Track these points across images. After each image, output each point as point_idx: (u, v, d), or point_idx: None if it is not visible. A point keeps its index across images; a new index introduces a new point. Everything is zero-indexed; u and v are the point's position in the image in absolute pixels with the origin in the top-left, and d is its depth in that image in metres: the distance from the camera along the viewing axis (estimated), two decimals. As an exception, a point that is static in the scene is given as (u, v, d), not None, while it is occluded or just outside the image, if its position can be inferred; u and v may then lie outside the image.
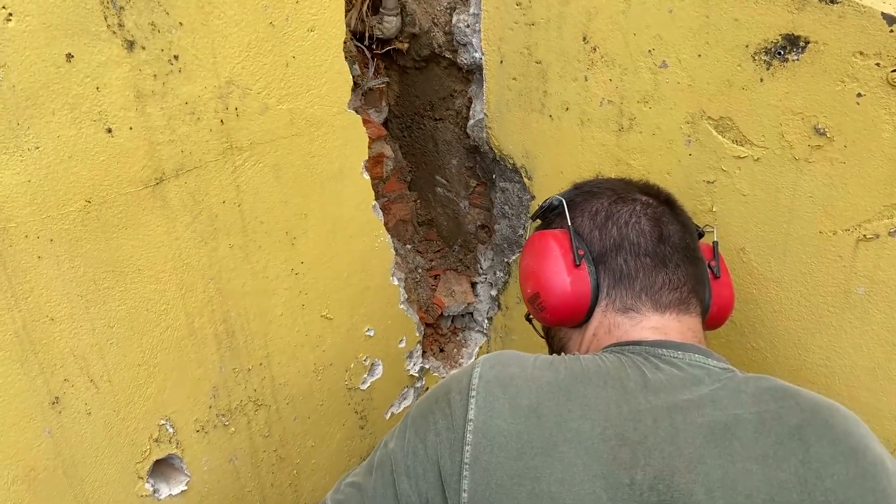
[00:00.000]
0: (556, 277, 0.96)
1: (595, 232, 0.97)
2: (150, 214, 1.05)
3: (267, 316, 1.25)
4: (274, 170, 1.19)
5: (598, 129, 1.33)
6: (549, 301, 0.97)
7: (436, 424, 0.84)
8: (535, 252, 1.01)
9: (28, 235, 0.93)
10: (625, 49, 1.24)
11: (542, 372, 0.84)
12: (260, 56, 1.11)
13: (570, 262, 0.96)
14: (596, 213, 0.99)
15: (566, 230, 0.99)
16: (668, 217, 0.98)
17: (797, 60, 1.07)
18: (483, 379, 0.83)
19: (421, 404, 0.89)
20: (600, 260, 0.96)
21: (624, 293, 0.94)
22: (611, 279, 0.95)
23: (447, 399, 0.84)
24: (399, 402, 1.60)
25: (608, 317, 0.94)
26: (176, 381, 1.14)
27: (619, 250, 0.95)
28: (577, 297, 0.95)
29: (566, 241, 0.98)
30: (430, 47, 1.54)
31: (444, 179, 1.73)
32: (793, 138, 1.11)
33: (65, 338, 1.00)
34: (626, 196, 1.00)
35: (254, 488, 1.33)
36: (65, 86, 0.92)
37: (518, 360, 0.86)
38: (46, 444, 1.02)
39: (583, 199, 1.02)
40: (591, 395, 0.81)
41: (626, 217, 0.97)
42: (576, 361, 0.86)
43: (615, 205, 0.98)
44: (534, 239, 1.03)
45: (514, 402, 0.81)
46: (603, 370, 0.84)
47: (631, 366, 0.85)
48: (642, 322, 0.92)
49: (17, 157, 0.90)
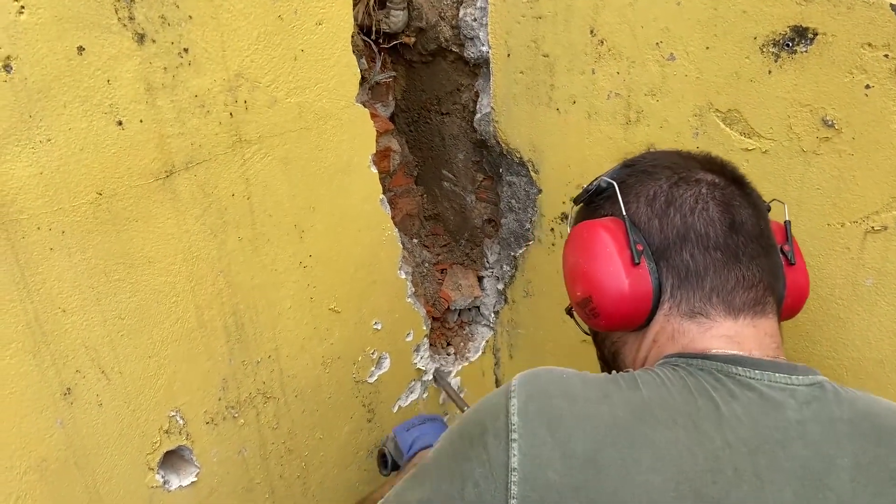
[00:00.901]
0: (613, 279, 0.82)
1: (654, 221, 0.83)
2: (161, 207, 1.05)
3: (276, 309, 1.26)
4: (282, 163, 1.19)
5: (605, 123, 1.33)
6: (603, 307, 0.84)
7: (473, 473, 0.70)
8: (585, 247, 0.87)
9: (40, 227, 0.94)
10: (632, 42, 1.24)
11: (596, 407, 0.70)
12: (269, 49, 1.11)
13: (628, 259, 0.82)
14: (654, 198, 0.84)
15: (620, 220, 0.85)
16: (738, 199, 0.84)
17: (805, 52, 1.07)
18: (523, 415, 0.70)
19: (453, 444, 0.76)
20: (662, 255, 0.82)
21: (691, 294, 0.80)
22: (675, 278, 0.81)
23: (483, 442, 0.71)
24: (406, 396, 1.60)
25: (672, 322, 0.81)
26: (186, 373, 1.15)
27: (684, 243, 0.81)
28: (636, 301, 0.82)
29: (621, 234, 0.84)
30: (437, 41, 1.54)
31: (451, 174, 1.73)
32: (801, 130, 1.11)
33: (76, 329, 1.01)
34: (689, 176, 0.85)
35: (262, 480, 1.33)
36: (76, 78, 0.92)
37: (562, 387, 0.72)
38: (58, 434, 1.03)
39: (637, 181, 0.87)
40: (658, 440, 0.68)
41: (692, 202, 0.82)
42: (634, 389, 0.72)
43: (677, 187, 0.84)
44: (582, 231, 0.89)
45: (566, 448, 0.68)
46: (669, 403, 0.71)
47: (700, 393, 0.72)
48: (712, 329, 0.79)
49: (30, 149, 0.90)
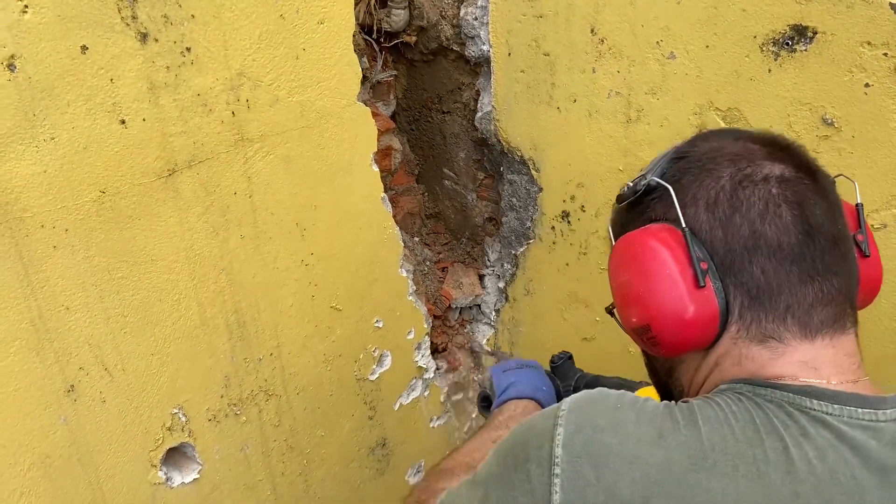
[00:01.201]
0: (675, 306, 0.72)
1: (717, 230, 0.71)
2: (163, 205, 1.06)
3: (277, 306, 1.27)
4: (284, 161, 1.20)
5: (605, 121, 1.34)
6: (663, 336, 0.74)
7: (516, 501, 0.67)
8: (639, 267, 0.75)
9: (44, 225, 0.94)
10: (633, 41, 1.24)
11: (650, 449, 0.63)
12: (271, 48, 1.12)
13: (691, 280, 0.71)
14: (716, 203, 0.72)
15: (678, 230, 0.73)
16: (812, 195, 0.71)
17: (805, 51, 1.08)
18: (568, 449, 0.65)
19: (499, 463, 0.72)
20: (727, 270, 0.71)
21: (762, 315, 0.70)
22: (743, 296, 0.71)
23: (526, 471, 0.66)
24: (407, 394, 1.61)
25: (739, 346, 0.72)
26: (188, 371, 1.16)
27: (752, 254, 0.70)
28: (701, 327, 0.72)
29: (681, 250, 0.72)
30: (438, 40, 1.55)
31: (452, 172, 1.74)
32: (801, 129, 1.11)
33: (80, 326, 1.01)
34: (754, 172, 0.72)
35: (264, 477, 1.34)
36: (80, 77, 0.93)
37: (613, 420, 0.66)
38: (62, 431, 1.03)
39: (693, 180, 0.75)
40: (716, 491, 0.61)
41: (761, 206, 0.70)
42: (693, 428, 0.65)
43: (741, 188, 0.71)
44: (633, 245, 0.76)
45: (612, 492, 0.62)
46: (731, 446, 0.63)
47: (769, 432, 0.64)
48: (786, 354, 0.70)
49: (34, 147, 0.91)
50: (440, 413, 1.71)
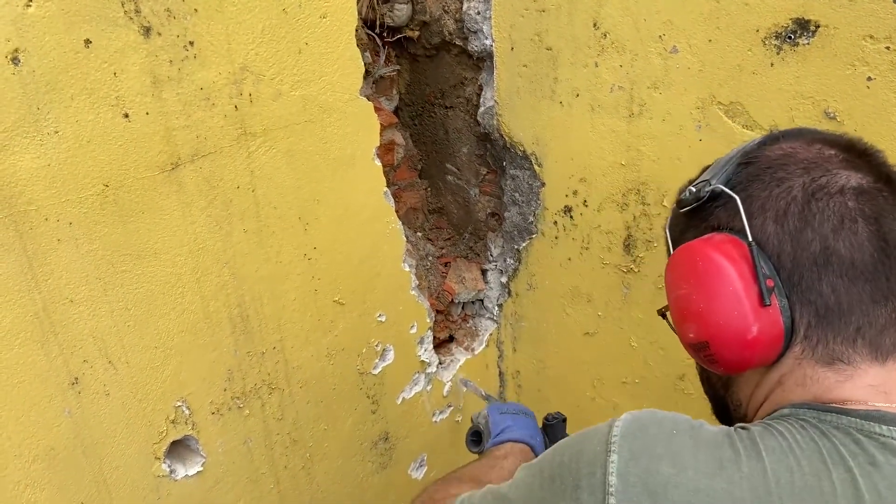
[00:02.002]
0: (737, 324, 0.68)
1: (786, 245, 0.67)
2: (167, 199, 1.06)
3: (280, 300, 1.27)
4: (287, 156, 1.20)
5: (608, 116, 1.34)
6: (723, 354, 0.70)
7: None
8: (700, 280, 0.70)
9: (48, 219, 0.95)
10: (635, 35, 1.24)
11: (710, 481, 0.60)
12: (273, 42, 1.12)
13: (756, 298, 0.67)
14: (786, 215, 0.67)
15: (744, 243, 0.68)
16: (890, 208, 0.67)
17: (807, 45, 1.07)
18: (623, 478, 0.61)
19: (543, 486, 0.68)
20: (794, 286, 0.67)
21: (830, 336, 0.66)
22: (811, 315, 0.67)
23: (576, 497, 0.63)
24: (410, 388, 1.61)
25: (804, 366, 0.68)
26: (192, 364, 1.16)
27: (823, 271, 0.66)
28: (763, 347, 0.68)
29: (745, 265, 0.68)
30: (441, 35, 1.55)
31: (455, 167, 1.74)
32: (803, 122, 1.11)
33: (84, 319, 1.02)
34: (829, 182, 0.67)
35: (267, 471, 1.35)
36: (83, 71, 0.93)
37: (671, 448, 0.62)
38: (66, 423, 1.04)
39: (762, 189, 0.70)
40: None
41: (835, 221, 0.66)
42: (756, 460, 0.61)
43: (814, 200, 0.67)
44: (695, 257, 0.71)
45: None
46: (798, 481, 0.59)
47: (837, 464, 0.60)
48: (854, 378, 0.66)
49: (38, 141, 0.91)
50: (442, 407, 1.72)
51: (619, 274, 1.47)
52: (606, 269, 1.49)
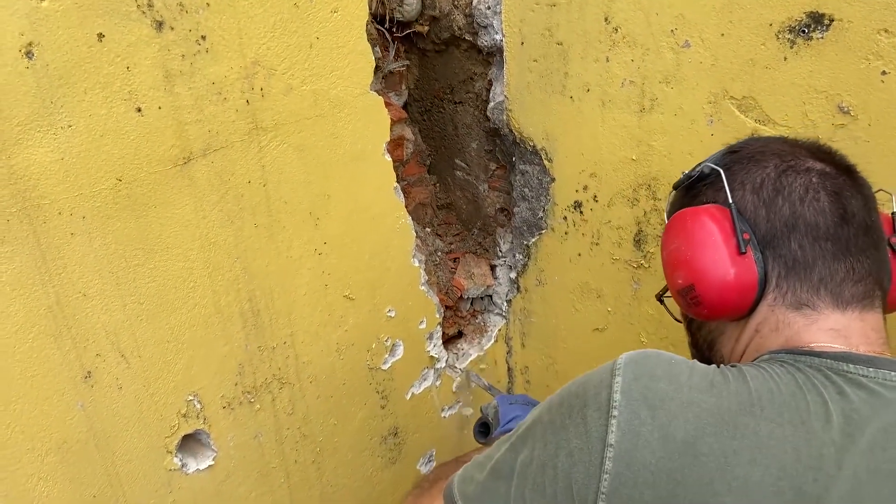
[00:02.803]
0: (717, 267, 0.81)
1: (761, 210, 0.81)
2: (179, 193, 1.06)
3: (291, 295, 1.27)
4: (298, 150, 1.20)
5: (619, 111, 1.33)
6: (706, 295, 0.82)
7: (569, 443, 0.72)
8: (688, 235, 0.85)
9: (61, 212, 0.95)
10: (647, 29, 1.24)
11: (702, 396, 0.70)
12: (285, 37, 1.12)
13: (734, 248, 0.81)
14: (761, 186, 0.82)
15: (725, 207, 0.83)
16: (849, 189, 0.81)
17: (821, 38, 1.07)
18: (626, 395, 0.70)
19: (552, 413, 0.77)
20: (768, 244, 0.80)
21: (798, 285, 0.79)
22: (781, 267, 0.79)
23: (582, 415, 0.72)
24: (419, 383, 1.61)
25: (777, 312, 0.80)
26: (203, 358, 1.17)
27: (792, 232, 0.79)
28: (741, 289, 0.80)
29: (727, 222, 0.82)
30: (451, 30, 1.55)
31: (464, 163, 1.74)
32: (816, 117, 1.10)
33: (97, 313, 1.02)
34: (798, 164, 0.82)
35: (278, 465, 1.35)
36: (96, 65, 0.93)
37: (669, 371, 0.72)
38: (79, 417, 1.04)
39: (742, 168, 0.85)
40: (763, 433, 0.67)
41: (801, 191, 0.80)
42: (742, 383, 0.71)
43: (785, 175, 0.81)
44: (685, 217, 0.86)
45: (666, 431, 0.68)
46: (777, 398, 0.70)
47: (810, 389, 0.70)
48: (819, 321, 0.77)
49: (51, 135, 0.91)
50: (451, 403, 1.72)
51: (629, 269, 1.46)
52: (616, 264, 1.48)
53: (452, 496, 0.84)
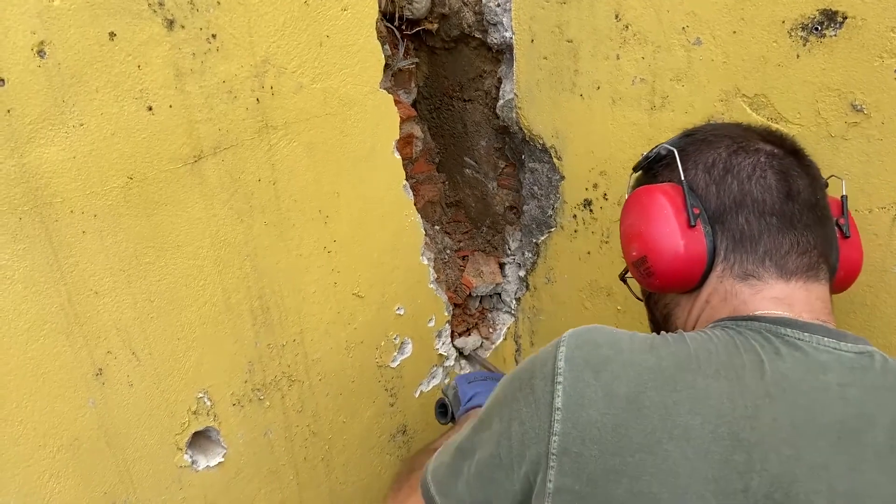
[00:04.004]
0: (668, 239, 0.85)
1: (712, 187, 0.86)
2: (189, 192, 1.07)
3: (300, 293, 1.27)
4: (307, 148, 1.20)
5: (629, 108, 1.33)
6: (658, 265, 0.87)
7: (520, 413, 0.76)
8: (642, 210, 0.90)
9: (73, 210, 0.95)
10: (658, 26, 1.23)
11: (642, 356, 0.74)
12: (295, 35, 1.12)
13: (684, 221, 0.85)
14: (713, 165, 0.87)
15: (678, 185, 0.88)
16: (796, 170, 0.86)
17: (834, 36, 1.06)
18: (570, 362, 0.74)
19: (504, 389, 0.82)
20: (717, 219, 0.85)
21: (744, 257, 0.83)
22: (730, 241, 0.84)
23: (530, 385, 0.76)
24: (428, 381, 1.61)
25: (725, 283, 0.84)
26: (213, 356, 1.17)
27: (740, 208, 0.84)
28: (690, 260, 0.84)
29: (678, 198, 0.87)
30: (460, 27, 1.54)
31: (473, 161, 1.73)
32: (829, 115, 1.10)
33: (108, 311, 1.03)
34: (748, 145, 0.87)
35: (287, 462, 1.35)
36: (108, 64, 0.94)
37: (610, 339, 0.76)
38: (90, 414, 1.05)
39: (696, 150, 0.90)
40: (700, 386, 0.71)
41: (749, 170, 0.85)
42: (681, 343, 0.75)
43: (735, 155, 0.86)
44: (640, 194, 0.92)
45: (609, 389, 0.72)
46: (714, 355, 0.74)
47: (747, 349, 0.75)
48: (764, 290, 0.82)
49: (63, 133, 0.92)
50: (460, 401, 1.72)
51: (638, 268, 1.46)
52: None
53: (426, 482, 0.89)
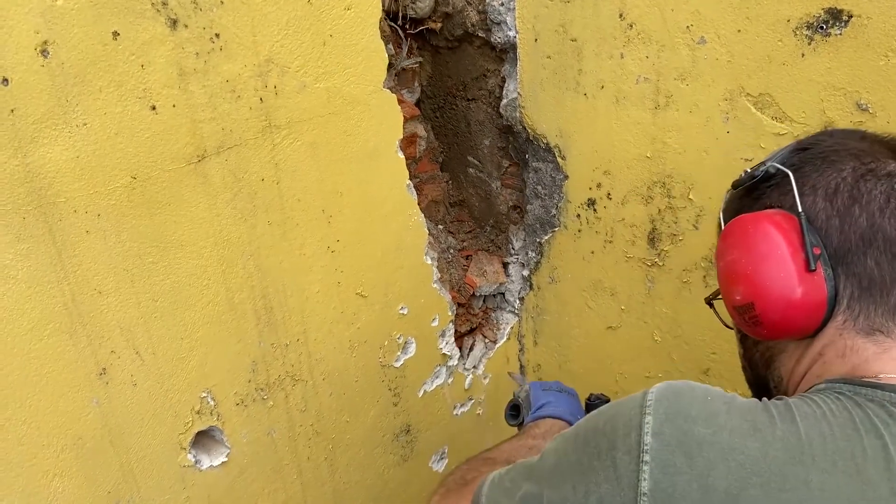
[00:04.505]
0: (782, 286, 0.72)
1: (834, 220, 0.71)
2: (193, 191, 1.07)
3: (304, 293, 1.27)
4: (311, 148, 1.20)
5: (633, 107, 1.33)
6: (768, 316, 0.73)
7: (598, 487, 0.66)
8: (750, 245, 0.75)
9: (77, 210, 0.95)
10: (662, 25, 1.23)
11: (745, 440, 0.62)
12: (298, 34, 1.12)
13: (802, 263, 0.71)
14: (836, 193, 0.72)
15: (793, 216, 0.73)
16: None
17: (840, 35, 1.05)
18: (659, 438, 0.64)
19: (578, 449, 0.70)
20: (840, 259, 0.71)
21: (872, 308, 0.70)
22: (854, 286, 0.70)
23: (611, 458, 0.66)
24: (432, 381, 1.61)
25: (845, 337, 0.71)
26: (217, 355, 1.17)
27: (868, 247, 0.70)
28: (806, 311, 0.71)
29: (794, 234, 0.72)
30: (464, 26, 1.54)
31: (476, 160, 1.73)
32: (834, 114, 1.09)
33: (111, 310, 1.03)
34: (878, 167, 0.72)
35: (291, 462, 1.35)
36: (111, 63, 0.93)
37: (705, 410, 0.65)
38: (94, 413, 1.05)
39: (814, 169, 0.75)
40: (814, 485, 0.60)
41: (882, 201, 0.70)
42: (790, 423, 0.63)
43: (864, 181, 0.71)
44: (747, 224, 0.76)
45: (705, 482, 0.61)
46: (829, 441, 0.62)
47: (869, 430, 0.62)
48: (893, 350, 0.69)
49: (67, 133, 0.92)
50: (464, 400, 1.72)
51: (643, 268, 1.45)
52: (630, 262, 1.47)
53: None
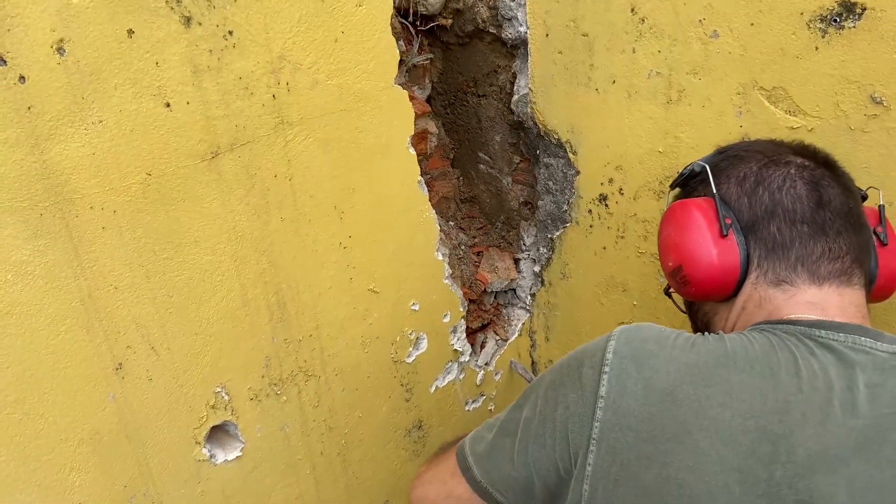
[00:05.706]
0: (702, 249, 0.90)
1: (744, 199, 0.90)
2: (206, 188, 1.07)
3: (316, 288, 1.28)
4: (323, 144, 1.21)
5: (645, 102, 1.32)
6: (693, 274, 0.91)
7: (566, 398, 0.83)
8: (677, 222, 0.95)
9: (93, 207, 0.96)
10: (674, 19, 1.22)
11: (682, 353, 0.79)
12: (310, 31, 1.12)
13: (717, 231, 0.89)
14: (744, 179, 0.91)
15: (710, 198, 0.93)
16: (827, 180, 0.89)
17: (853, 27, 1.05)
18: (617, 354, 0.80)
19: (553, 374, 0.88)
20: (750, 229, 0.89)
21: (777, 264, 0.87)
22: (762, 249, 0.88)
23: (578, 373, 0.83)
24: (443, 377, 1.62)
25: (759, 290, 0.88)
26: (231, 350, 1.18)
27: (771, 218, 0.87)
28: (724, 269, 0.89)
29: (711, 210, 0.91)
30: (475, 23, 1.54)
31: (487, 156, 1.73)
32: (848, 108, 1.09)
33: (127, 306, 1.04)
34: (779, 159, 0.91)
35: (304, 457, 1.36)
36: (126, 61, 0.94)
37: (657, 336, 0.82)
38: (110, 408, 1.06)
39: (728, 164, 0.95)
40: (734, 382, 0.76)
41: (779, 181, 0.88)
42: (720, 342, 0.80)
43: (766, 168, 0.90)
44: (674, 209, 0.97)
45: (649, 382, 0.78)
46: (750, 354, 0.78)
47: (782, 349, 0.78)
48: (797, 296, 0.85)
49: (82, 130, 0.93)
50: (475, 396, 1.72)
51: (655, 263, 1.45)
52: (642, 258, 1.47)
53: (464, 453, 0.94)
